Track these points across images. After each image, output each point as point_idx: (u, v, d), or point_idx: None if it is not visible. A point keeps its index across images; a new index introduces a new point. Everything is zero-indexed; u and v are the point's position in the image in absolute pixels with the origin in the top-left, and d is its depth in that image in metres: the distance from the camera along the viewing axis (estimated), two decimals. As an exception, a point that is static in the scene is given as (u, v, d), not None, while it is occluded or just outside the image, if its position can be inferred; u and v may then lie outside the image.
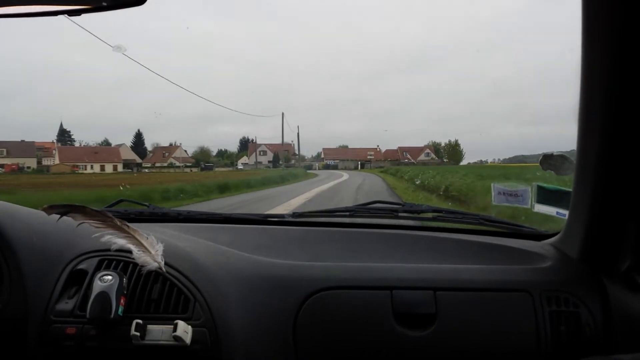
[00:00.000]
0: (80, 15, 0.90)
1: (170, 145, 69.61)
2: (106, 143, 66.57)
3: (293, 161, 61.56)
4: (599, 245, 1.10)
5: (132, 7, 0.89)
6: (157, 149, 69.47)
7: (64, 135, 62.08)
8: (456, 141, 65.15)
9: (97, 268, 1.08)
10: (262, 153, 65.93)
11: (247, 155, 69.00)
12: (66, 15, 0.90)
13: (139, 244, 1.09)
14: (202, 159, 65.41)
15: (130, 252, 1.08)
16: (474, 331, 1.08)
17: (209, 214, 1.57)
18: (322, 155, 67.67)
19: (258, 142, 68.84)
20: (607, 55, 0.86)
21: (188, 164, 61.05)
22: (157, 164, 61.72)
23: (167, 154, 67.12)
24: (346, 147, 71.39)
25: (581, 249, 1.13)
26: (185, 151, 69.58)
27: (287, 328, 1.08)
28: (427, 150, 67.33)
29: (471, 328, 1.08)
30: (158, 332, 0.99)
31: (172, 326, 0.98)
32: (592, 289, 1.10)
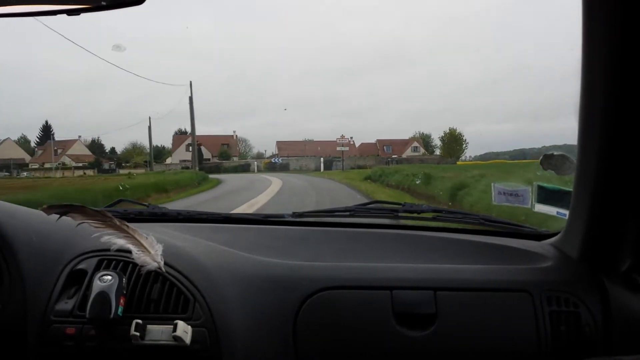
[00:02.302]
0: (79, 14, 0.90)
1: (70, 140, 58.51)
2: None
3: (236, 158, 52.60)
4: (599, 245, 1.10)
5: (131, 6, 0.89)
6: (49, 144, 58.02)
7: None
8: (457, 131, 50.12)
9: (97, 268, 1.08)
10: (189, 148, 48.48)
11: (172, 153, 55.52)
12: (66, 14, 0.90)
13: (139, 244, 1.09)
14: (127, 157, 54.70)
15: (129, 252, 1.08)
16: (474, 331, 1.08)
17: (209, 213, 1.57)
18: (276, 151, 53.94)
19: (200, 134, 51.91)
20: (607, 53, 0.86)
21: (80, 164, 48.96)
22: (47, 164, 50.37)
23: (61, 151, 55.53)
24: (311, 140, 56.12)
25: (581, 248, 1.13)
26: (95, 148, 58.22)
27: (287, 328, 1.08)
28: (415, 144, 53.75)
29: (471, 328, 1.08)
30: (158, 332, 0.99)
31: (172, 326, 0.98)
32: (593, 289, 1.10)
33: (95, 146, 61.03)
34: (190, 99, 29.92)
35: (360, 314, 1.10)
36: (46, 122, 64.25)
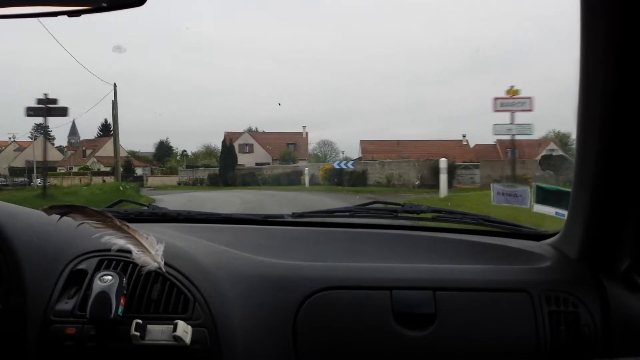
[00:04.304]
0: (80, 15, 0.90)
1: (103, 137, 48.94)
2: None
3: (304, 162, 34.75)
4: (598, 245, 1.10)
5: (132, 7, 0.90)
6: (81, 144, 51.54)
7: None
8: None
9: (97, 268, 1.08)
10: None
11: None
12: (66, 16, 0.90)
13: (139, 244, 1.09)
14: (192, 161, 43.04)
15: (130, 252, 1.08)
16: (474, 331, 1.08)
17: (209, 214, 1.57)
18: (360, 154, 35.12)
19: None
20: (606, 54, 0.86)
21: (105, 169, 38.50)
22: (75, 168, 43.00)
23: (90, 152, 47.67)
24: (405, 141, 34.80)
25: (580, 249, 1.13)
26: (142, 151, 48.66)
27: (287, 328, 1.09)
28: (551, 145, 33.26)
29: (470, 328, 1.08)
30: (158, 332, 0.99)
31: (172, 326, 0.98)
32: (592, 289, 1.10)
33: (163, 148, 51.34)
34: (114, 102, 22.34)
35: (359, 314, 1.10)
36: (105, 120, 52.25)
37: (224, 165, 31.98)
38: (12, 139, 50.06)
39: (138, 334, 0.97)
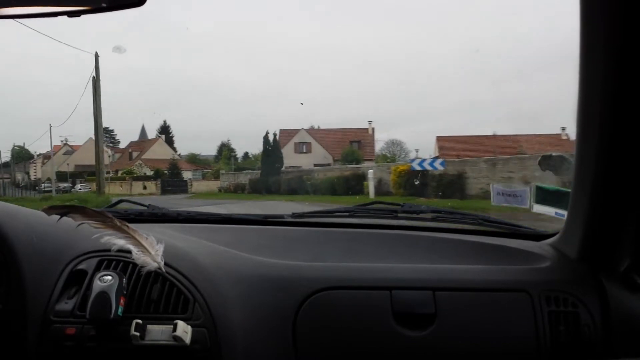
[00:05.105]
0: (79, 16, 0.90)
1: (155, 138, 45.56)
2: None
3: (370, 162, 27.01)
4: (597, 245, 1.10)
5: (132, 8, 0.90)
6: (128, 146, 47.72)
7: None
8: None
9: (97, 268, 1.08)
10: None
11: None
12: (66, 16, 0.90)
13: (139, 245, 1.09)
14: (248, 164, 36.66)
15: (130, 252, 1.08)
16: (473, 331, 1.08)
17: (209, 214, 1.57)
18: (436, 152, 27.72)
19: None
20: (605, 54, 0.86)
21: (149, 173, 35.72)
22: (122, 171, 40.05)
23: (137, 154, 43.86)
24: (496, 135, 27.42)
25: (580, 249, 1.13)
26: (178, 154, 43.73)
27: (287, 328, 1.09)
28: None
29: (470, 328, 1.09)
30: (158, 332, 0.99)
31: (172, 326, 0.98)
32: (591, 289, 1.10)
33: (224, 150, 46.61)
34: (94, 78, 18.19)
35: (359, 314, 1.10)
36: (164, 122, 49.47)
37: (265, 167, 25.53)
38: (65, 142, 47.95)
39: (138, 334, 0.97)
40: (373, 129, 38.40)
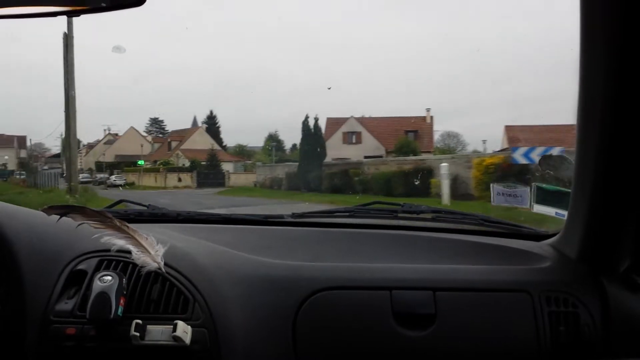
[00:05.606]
0: (79, 15, 0.91)
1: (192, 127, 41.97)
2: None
3: (428, 155, 23.65)
4: (598, 245, 1.10)
5: (132, 7, 0.89)
6: (170, 135, 44.45)
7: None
8: None
9: (97, 268, 1.08)
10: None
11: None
12: (66, 16, 0.90)
13: (139, 245, 1.09)
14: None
15: (129, 252, 1.08)
16: (474, 331, 1.08)
17: (209, 214, 1.57)
18: (505, 144, 23.09)
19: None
20: (606, 54, 0.86)
21: (186, 166, 32.97)
22: (160, 161, 36.58)
23: (176, 144, 40.34)
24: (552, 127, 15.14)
25: (580, 249, 1.13)
26: (223, 145, 40.17)
27: (287, 328, 1.09)
28: None
29: (470, 328, 1.08)
30: (158, 333, 0.99)
31: (172, 326, 0.98)
32: (591, 289, 1.10)
33: (272, 142, 41.66)
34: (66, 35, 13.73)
35: (359, 314, 1.10)
36: (211, 112, 45.31)
37: (304, 159, 20.89)
38: (108, 131, 46.32)
39: (138, 334, 0.97)
40: (432, 117, 32.50)
